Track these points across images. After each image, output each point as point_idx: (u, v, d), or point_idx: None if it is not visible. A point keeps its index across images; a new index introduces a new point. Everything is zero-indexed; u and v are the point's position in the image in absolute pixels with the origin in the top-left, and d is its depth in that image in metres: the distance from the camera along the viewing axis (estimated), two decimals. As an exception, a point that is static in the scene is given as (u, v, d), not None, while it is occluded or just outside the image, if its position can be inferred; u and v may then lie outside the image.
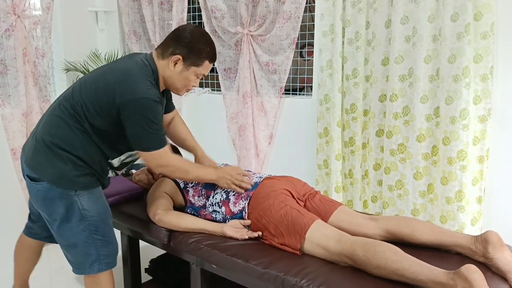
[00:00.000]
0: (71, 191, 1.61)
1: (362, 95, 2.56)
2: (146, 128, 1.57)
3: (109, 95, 1.56)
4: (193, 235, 1.75)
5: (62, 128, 1.60)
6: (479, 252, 1.45)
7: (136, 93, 1.54)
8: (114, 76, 1.58)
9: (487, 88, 2.15)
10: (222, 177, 1.79)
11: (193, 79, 1.71)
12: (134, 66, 1.61)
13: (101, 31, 3.80)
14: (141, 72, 1.60)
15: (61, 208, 1.61)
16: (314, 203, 1.78)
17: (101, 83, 1.59)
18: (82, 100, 1.60)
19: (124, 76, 1.57)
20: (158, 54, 1.68)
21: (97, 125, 1.61)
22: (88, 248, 1.67)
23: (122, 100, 1.54)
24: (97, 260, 1.69)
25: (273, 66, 2.94)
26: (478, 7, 2.07)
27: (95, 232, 1.66)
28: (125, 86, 1.55)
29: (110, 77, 1.59)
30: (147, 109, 1.55)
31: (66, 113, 1.61)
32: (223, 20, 3.05)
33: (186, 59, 1.64)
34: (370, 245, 1.43)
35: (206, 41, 1.68)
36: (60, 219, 1.63)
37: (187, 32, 1.66)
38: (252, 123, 3.06)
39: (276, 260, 1.54)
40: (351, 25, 2.50)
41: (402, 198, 2.48)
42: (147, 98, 1.55)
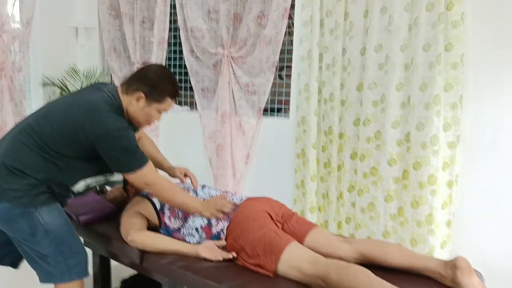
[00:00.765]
0: (31, 208, 1.64)
1: (338, 118, 2.62)
2: (124, 154, 1.64)
3: (78, 130, 1.61)
4: (165, 256, 1.73)
5: (25, 154, 1.64)
6: (448, 277, 1.49)
7: (105, 126, 1.60)
8: (82, 111, 1.63)
9: (456, 116, 2.24)
10: (206, 208, 1.81)
11: (155, 115, 1.78)
12: (99, 100, 1.66)
13: (81, 47, 3.80)
14: (106, 105, 1.65)
15: (25, 225, 1.64)
16: (291, 224, 1.80)
17: (69, 117, 1.64)
18: (49, 130, 1.64)
19: (91, 111, 1.62)
20: (123, 90, 1.74)
21: (66, 153, 1.66)
22: (57, 259, 1.69)
23: (94, 135, 1.60)
24: (66, 270, 1.71)
25: (252, 87, 2.99)
26: (449, 38, 2.18)
27: (61, 244, 1.69)
28: (93, 121, 1.61)
29: (77, 112, 1.63)
30: (120, 138, 1.62)
31: (30, 140, 1.64)
32: (203, 40, 3.09)
33: (149, 96, 1.71)
34: (344, 267, 1.45)
35: (169, 80, 1.76)
36: (26, 235, 1.66)
37: (151, 71, 1.75)
38: (230, 143, 3.08)
39: (249, 282, 1.54)
40: (328, 51, 2.58)
41: (373, 220, 2.53)
42: (117, 129, 1.61)
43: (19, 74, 3.10)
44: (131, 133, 1.67)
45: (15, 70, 3.06)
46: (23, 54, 3.12)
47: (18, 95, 3.05)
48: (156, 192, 1.75)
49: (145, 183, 1.70)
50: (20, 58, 3.13)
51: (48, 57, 3.49)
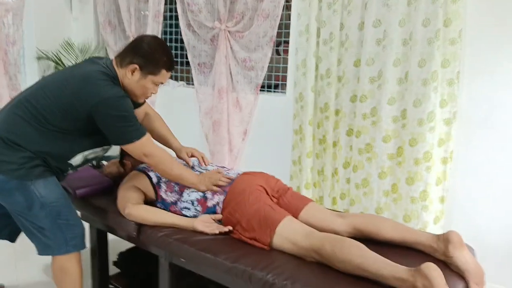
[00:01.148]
0: (27, 181, 1.65)
1: (335, 95, 2.62)
2: (121, 123, 1.64)
3: (75, 101, 1.61)
4: (162, 229, 1.75)
5: (22, 127, 1.64)
6: (440, 251, 1.52)
7: (101, 94, 1.60)
8: (77, 82, 1.63)
9: (453, 92, 2.23)
10: (202, 182, 1.82)
11: (151, 87, 1.77)
12: (95, 71, 1.66)
13: (75, 20, 3.74)
14: (101, 75, 1.65)
15: (20, 198, 1.66)
16: (286, 199, 1.82)
17: (65, 89, 1.64)
18: (46, 103, 1.64)
19: (85, 81, 1.62)
20: (117, 63, 1.73)
21: (63, 126, 1.66)
22: (54, 232, 1.72)
23: (90, 104, 1.60)
24: (64, 243, 1.74)
25: (250, 62, 2.96)
26: (448, 13, 2.15)
27: (57, 217, 1.71)
28: (89, 90, 1.61)
29: (73, 83, 1.63)
30: (116, 106, 1.62)
31: (28, 113, 1.64)
32: (200, 14, 3.05)
33: (143, 68, 1.70)
34: (338, 240, 1.47)
35: (163, 51, 1.74)
36: (22, 208, 1.68)
37: (145, 42, 1.72)
38: (226, 119, 3.07)
39: (244, 255, 1.56)
40: (326, 26, 2.55)
41: (367, 196, 2.55)
42: (113, 97, 1.61)
43: (13, 48, 3.07)
44: (128, 101, 1.67)
45: (9, 43, 3.02)
46: (17, 27, 3.07)
47: (12, 68, 3.01)
48: (154, 163, 1.76)
49: (144, 154, 1.71)
50: (14, 31, 3.09)
51: (42, 31, 3.44)
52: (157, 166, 1.78)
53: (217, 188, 1.80)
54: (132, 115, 1.67)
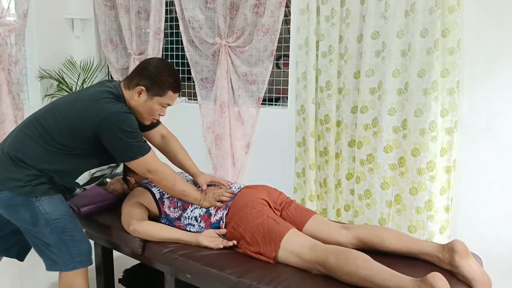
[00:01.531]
0: (32, 198, 1.67)
1: (335, 106, 2.63)
2: (125, 139, 1.65)
3: (81, 120, 1.65)
4: (167, 245, 1.75)
5: (29, 145, 1.68)
6: (445, 260, 1.51)
7: (105, 111, 1.63)
8: (83, 102, 1.68)
9: (453, 101, 2.24)
10: (204, 198, 1.84)
11: (158, 108, 1.80)
12: (101, 91, 1.71)
13: (77, 39, 3.78)
14: (107, 94, 1.69)
15: (26, 215, 1.68)
16: (290, 212, 1.82)
17: (73, 110, 1.68)
18: (55, 123, 1.68)
19: (91, 100, 1.67)
20: (125, 85, 1.77)
21: (71, 146, 1.69)
22: (60, 248, 1.73)
23: (95, 122, 1.63)
24: (70, 259, 1.74)
25: (251, 76, 2.99)
26: (446, 23, 2.17)
27: (62, 233, 1.72)
28: (94, 109, 1.64)
29: (80, 104, 1.68)
30: (120, 121, 1.64)
31: (36, 133, 1.69)
32: (201, 30, 3.08)
33: (149, 90, 1.74)
34: (342, 252, 1.47)
35: (169, 73, 1.77)
36: (28, 224, 1.70)
37: (151, 65, 1.76)
38: (229, 133, 3.08)
39: (250, 269, 1.56)
40: (325, 39, 2.58)
41: (370, 207, 2.55)
42: (116, 112, 1.64)
43: (16, 67, 3.10)
44: (132, 117, 1.69)
45: (11, 63, 3.05)
46: (19, 46, 3.11)
47: (15, 88, 3.05)
48: (158, 179, 1.77)
49: (147, 170, 1.72)
50: (17, 51, 3.13)
51: (44, 50, 3.48)
52: (160, 182, 1.79)
53: (220, 204, 1.81)
54: (137, 131, 1.69)
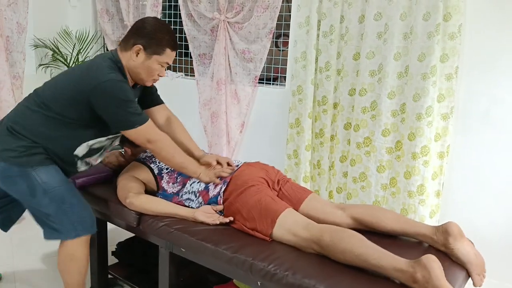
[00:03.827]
0: (28, 167, 1.66)
1: (333, 88, 2.62)
2: (120, 108, 1.63)
3: (77, 86, 1.63)
4: (163, 219, 1.76)
5: (27, 116, 1.68)
6: (440, 242, 1.55)
7: (99, 79, 1.60)
8: (80, 70, 1.69)
9: (451, 87, 2.25)
10: (204, 172, 1.81)
11: (157, 68, 1.76)
12: (97, 60, 1.70)
13: (73, 8, 3.69)
14: (102, 63, 1.66)
15: (23, 185, 1.67)
16: (286, 190, 1.83)
17: (70, 79, 1.68)
18: (52, 94, 1.68)
19: (87, 69, 1.67)
20: (121, 48, 1.74)
21: (66, 114, 1.67)
22: (60, 217, 1.72)
23: (88, 89, 1.61)
24: (72, 228, 1.74)
25: (249, 54, 2.95)
26: (448, 7, 2.16)
27: (61, 202, 1.71)
28: (88, 76, 1.63)
29: (77, 73, 1.69)
30: (114, 90, 1.61)
31: (33, 103, 1.69)
32: (200, 4, 3.03)
33: (147, 48, 1.70)
34: (337, 231, 1.49)
35: (166, 30, 1.74)
36: (26, 195, 1.69)
37: (147, 23, 1.73)
38: (225, 110, 3.07)
39: (245, 246, 1.57)
40: (326, 18, 2.55)
41: (364, 190, 2.57)
42: (110, 80, 1.61)
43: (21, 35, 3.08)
44: (126, 86, 1.66)
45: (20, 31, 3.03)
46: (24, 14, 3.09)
47: (17, 56, 3.04)
48: (158, 149, 1.73)
49: (147, 140, 1.70)
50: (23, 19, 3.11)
51: (40, 18, 3.40)
52: (160, 153, 1.75)
53: (219, 180, 1.80)
54: (132, 100, 1.66)
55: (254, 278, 1.50)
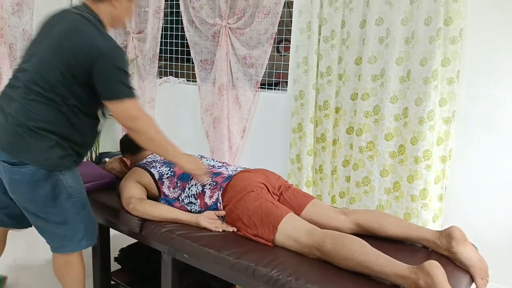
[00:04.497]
0: (56, 171, 1.62)
1: (335, 92, 2.63)
2: (116, 76, 1.56)
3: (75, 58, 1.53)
4: (165, 225, 1.76)
5: (44, 110, 1.57)
6: (443, 246, 1.54)
7: (100, 47, 1.54)
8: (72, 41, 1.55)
9: (453, 91, 2.25)
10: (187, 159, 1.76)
11: (133, 7, 1.78)
12: (79, 23, 1.58)
13: (74, 15, 3.71)
14: (90, 26, 1.58)
15: (47, 188, 1.61)
16: (288, 196, 1.83)
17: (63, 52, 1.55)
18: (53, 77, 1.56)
19: (80, 36, 1.55)
20: (93, 2, 1.64)
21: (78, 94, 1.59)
22: (78, 224, 1.70)
23: (88, 57, 1.53)
24: (85, 236, 1.73)
25: (250, 59, 2.96)
26: (449, 12, 2.16)
27: (82, 209, 1.70)
28: (86, 45, 1.53)
29: (66, 44, 1.56)
30: (115, 58, 1.57)
31: (43, 96, 1.57)
32: (201, 10, 3.04)
33: None
34: (339, 237, 1.48)
35: None
36: (45, 199, 1.62)
37: None
38: (226, 116, 3.07)
39: (248, 251, 1.57)
40: (327, 23, 2.56)
41: (368, 194, 2.57)
42: (116, 47, 1.57)
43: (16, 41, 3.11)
44: (126, 56, 1.63)
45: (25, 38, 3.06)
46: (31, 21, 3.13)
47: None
48: (140, 128, 1.62)
49: (131, 116, 1.60)
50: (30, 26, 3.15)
51: (42, 23, 3.42)
52: (142, 130, 1.63)
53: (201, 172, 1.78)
54: (128, 73, 1.61)
55: (257, 284, 1.49)
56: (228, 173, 1.87)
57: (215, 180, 1.84)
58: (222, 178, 1.84)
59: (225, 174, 1.87)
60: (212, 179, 1.85)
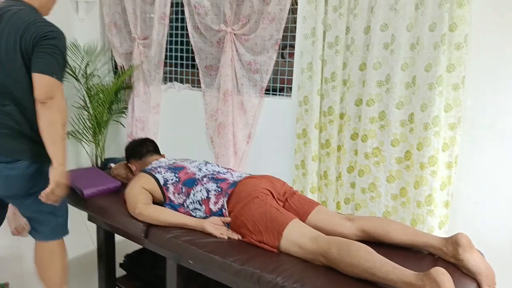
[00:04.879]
0: (46, 164, 1.71)
1: (339, 98, 2.63)
2: (56, 56, 1.64)
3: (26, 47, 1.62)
4: (171, 230, 1.76)
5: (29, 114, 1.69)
6: (449, 253, 1.53)
7: (47, 27, 1.64)
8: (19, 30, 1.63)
9: (458, 97, 2.24)
10: None
11: None
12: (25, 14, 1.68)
13: (81, 21, 3.74)
14: (35, 16, 1.69)
15: (41, 180, 1.72)
16: (293, 202, 1.82)
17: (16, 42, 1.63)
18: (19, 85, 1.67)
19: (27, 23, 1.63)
20: None
21: None
22: (64, 212, 1.90)
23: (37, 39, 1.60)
24: (67, 222, 1.93)
25: (255, 65, 2.97)
26: (454, 18, 2.16)
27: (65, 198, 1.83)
28: (34, 25, 1.63)
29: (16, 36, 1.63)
30: (61, 42, 1.67)
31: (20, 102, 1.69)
32: (206, 17, 3.06)
33: None
34: (345, 244, 1.47)
35: None
36: (40, 191, 1.69)
37: None
38: (231, 121, 3.08)
39: (253, 258, 1.57)
40: (331, 29, 2.56)
41: (374, 200, 2.56)
42: (59, 31, 1.67)
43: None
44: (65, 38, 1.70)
45: None
46: None
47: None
48: (51, 109, 1.63)
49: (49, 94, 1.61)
50: None
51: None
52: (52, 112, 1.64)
53: None
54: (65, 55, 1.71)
55: (262, 291, 1.49)
56: (233, 179, 1.87)
57: (221, 186, 1.84)
58: (227, 184, 1.84)
59: (230, 180, 1.87)
60: (217, 184, 1.85)
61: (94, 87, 3.50)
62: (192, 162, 2.08)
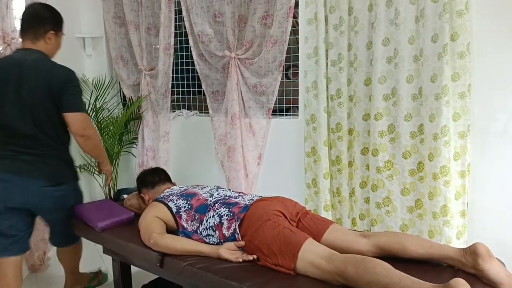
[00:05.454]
0: (77, 182, 2.25)
1: (347, 114, 2.63)
2: (78, 94, 2.04)
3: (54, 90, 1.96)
4: (186, 259, 1.76)
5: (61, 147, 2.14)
6: (469, 264, 1.50)
7: (65, 71, 2.00)
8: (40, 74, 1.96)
9: (465, 105, 2.23)
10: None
11: (61, 42, 2.20)
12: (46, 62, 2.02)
13: (88, 57, 3.84)
14: (49, 61, 2.03)
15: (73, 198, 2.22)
16: (306, 222, 1.81)
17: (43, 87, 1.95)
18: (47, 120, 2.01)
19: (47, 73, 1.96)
20: (32, 40, 2.04)
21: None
22: None
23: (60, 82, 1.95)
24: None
25: (261, 88, 3.00)
26: (454, 28, 2.17)
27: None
28: (53, 72, 1.97)
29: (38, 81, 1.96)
30: (77, 79, 2.04)
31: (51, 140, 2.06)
32: (210, 44, 3.12)
33: (56, 29, 2.11)
34: (361, 261, 1.45)
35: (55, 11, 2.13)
36: (71, 206, 2.20)
37: (42, 10, 2.08)
38: (241, 144, 3.09)
39: (269, 281, 1.55)
40: (334, 47, 2.59)
41: (390, 214, 2.53)
42: (73, 72, 2.03)
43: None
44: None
45: None
46: None
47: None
48: (89, 137, 2.06)
49: (85, 126, 2.03)
50: None
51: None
52: (90, 138, 2.07)
53: None
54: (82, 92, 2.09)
55: (281, 314, 1.47)
56: (245, 203, 1.87)
57: (232, 210, 1.84)
58: (238, 208, 1.84)
59: (241, 204, 1.87)
60: (229, 209, 1.85)
61: (104, 120, 3.55)
62: (203, 188, 2.08)
